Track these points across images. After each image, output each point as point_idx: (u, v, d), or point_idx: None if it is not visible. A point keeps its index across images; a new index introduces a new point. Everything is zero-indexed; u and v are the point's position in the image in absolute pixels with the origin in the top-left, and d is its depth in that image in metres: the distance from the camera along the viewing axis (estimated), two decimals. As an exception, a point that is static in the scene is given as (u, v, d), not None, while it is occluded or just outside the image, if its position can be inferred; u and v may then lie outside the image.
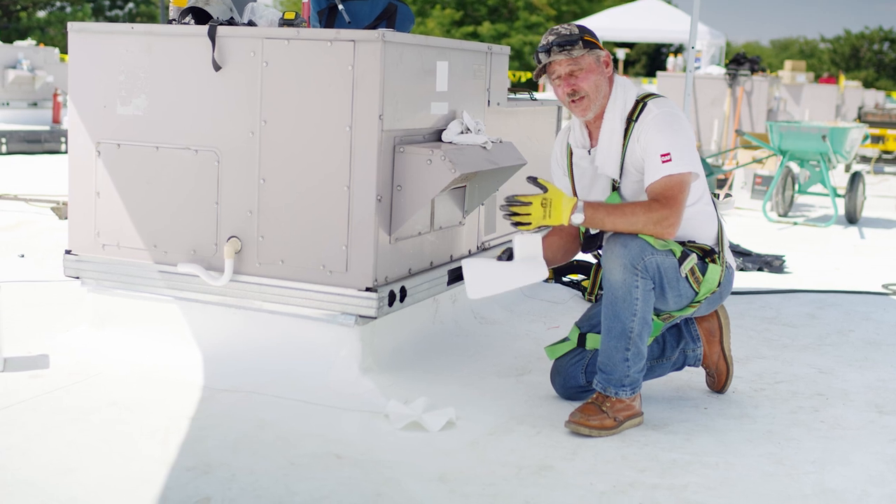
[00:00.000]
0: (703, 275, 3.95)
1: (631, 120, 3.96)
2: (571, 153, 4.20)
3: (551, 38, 3.98)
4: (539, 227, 3.84)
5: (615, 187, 4.02)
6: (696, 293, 3.96)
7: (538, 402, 4.16)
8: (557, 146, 4.31)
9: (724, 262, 4.04)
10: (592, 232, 4.10)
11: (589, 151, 4.10)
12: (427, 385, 4.23)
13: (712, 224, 4.08)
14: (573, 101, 4.00)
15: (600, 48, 4.02)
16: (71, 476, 3.27)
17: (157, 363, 4.33)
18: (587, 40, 3.97)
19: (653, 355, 4.14)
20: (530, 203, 3.78)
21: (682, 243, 3.94)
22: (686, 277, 3.89)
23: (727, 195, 10.29)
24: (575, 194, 4.19)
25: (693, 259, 3.91)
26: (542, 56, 3.99)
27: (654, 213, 3.78)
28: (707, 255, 3.99)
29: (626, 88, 4.04)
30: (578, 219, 3.78)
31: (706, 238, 4.05)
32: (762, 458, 3.67)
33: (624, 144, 3.96)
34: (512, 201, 3.78)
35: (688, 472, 3.51)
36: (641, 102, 3.99)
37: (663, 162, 3.82)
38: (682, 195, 3.83)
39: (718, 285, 4.00)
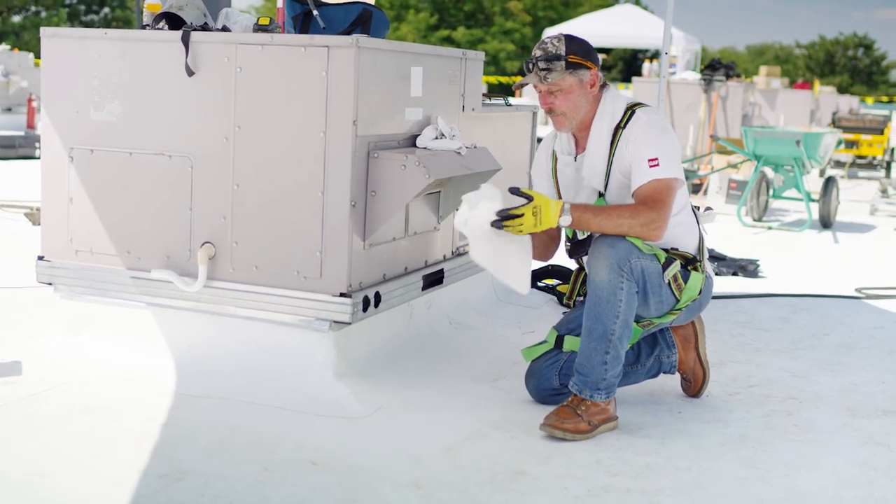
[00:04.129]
0: (685, 282, 3.97)
1: (619, 127, 3.98)
2: (556, 159, 4.20)
3: (538, 53, 3.99)
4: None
5: (601, 193, 4.04)
6: (678, 300, 3.98)
7: (513, 407, 4.16)
8: (542, 152, 4.30)
9: (704, 271, 4.07)
10: (580, 237, 4.11)
11: (574, 158, 4.11)
12: (401, 390, 4.23)
13: (694, 234, 4.12)
14: (550, 115, 4.03)
15: (588, 66, 3.99)
16: (43, 481, 3.24)
17: (131, 369, 4.31)
18: (571, 61, 3.95)
19: (627, 361, 4.15)
20: (522, 214, 3.76)
21: (664, 250, 3.96)
22: (668, 284, 3.91)
23: (708, 209, 10.32)
24: (560, 199, 4.20)
25: (676, 266, 3.93)
26: (525, 70, 4.00)
27: (641, 215, 3.80)
28: (689, 262, 4.01)
29: (615, 100, 4.04)
30: (566, 221, 3.78)
31: (688, 247, 4.07)
32: (735, 462, 3.69)
33: (610, 154, 3.97)
34: (504, 216, 3.76)
35: (661, 477, 3.52)
36: (630, 110, 4.01)
37: (651, 166, 3.84)
38: (669, 199, 3.85)
39: (699, 293, 4.03)
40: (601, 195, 4.04)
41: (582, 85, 3.99)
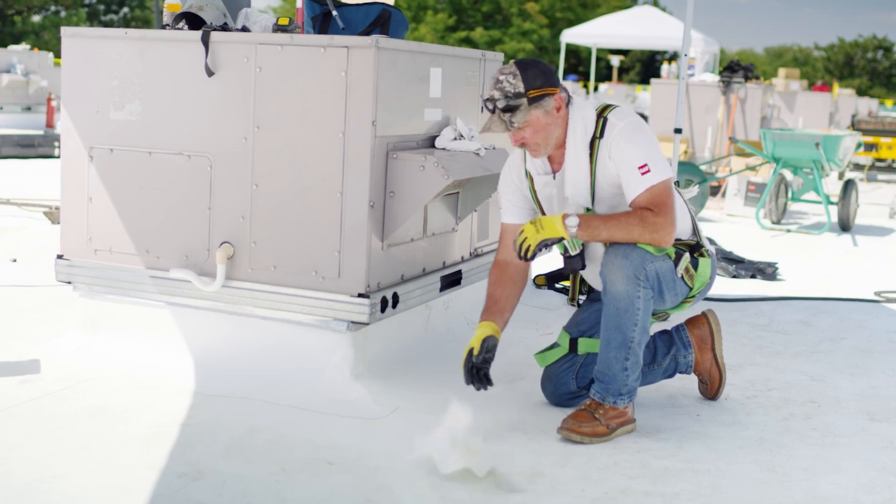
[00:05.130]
0: (696, 269, 3.96)
1: (596, 138, 3.87)
2: (532, 179, 4.07)
3: (496, 94, 3.78)
4: (543, 243, 3.78)
5: (588, 209, 3.97)
6: (691, 289, 3.97)
7: (530, 408, 4.16)
8: (512, 174, 4.12)
9: (708, 252, 4.05)
10: (572, 253, 4.00)
11: (553, 177, 4.00)
12: (418, 391, 4.23)
13: (686, 217, 4.07)
14: (524, 148, 3.92)
15: (550, 92, 3.82)
16: (60, 481, 3.25)
17: (149, 368, 4.32)
18: (532, 96, 3.78)
19: (644, 362, 4.14)
20: (523, 230, 3.77)
21: None
22: (682, 277, 3.90)
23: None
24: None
25: (686, 258, 3.91)
26: (485, 108, 3.85)
27: (648, 222, 3.75)
28: (695, 249, 3.99)
29: (584, 112, 3.90)
30: (573, 221, 3.74)
31: (684, 231, 4.03)
32: (754, 466, 3.67)
33: (592, 167, 3.89)
34: (513, 240, 3.79)
35: (679, 480, 3.51)
36: (601, 119, 3.89)
37: (643, 174, 3.77)
38: (671, 200, 3.81)
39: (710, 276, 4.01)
40: (588, 210, 3.97)
41: (548, 113, 3.84)
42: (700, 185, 10.52)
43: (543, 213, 4.09)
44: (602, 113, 3.91)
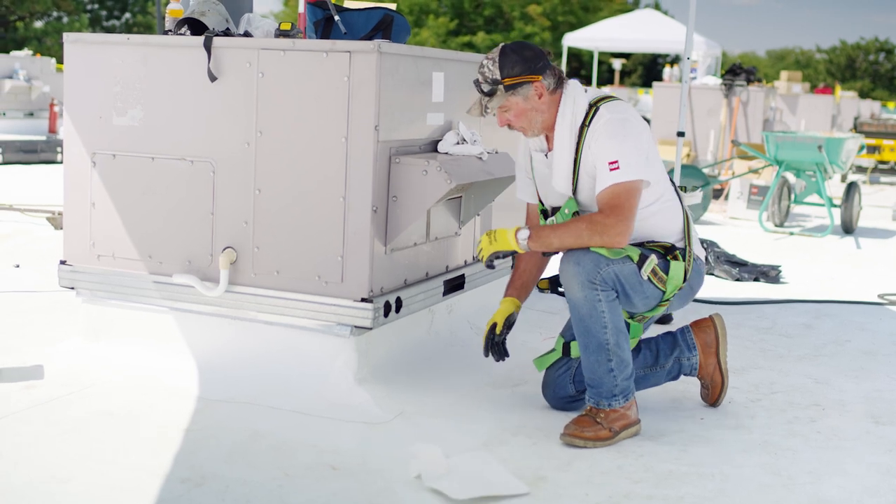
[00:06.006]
0: (667, 273, 3.93)
1: (584, 125, 3.89)
2: (531, 157, 4.16)
3: (478, 76, 3.93)
4: (495, 255, 3.94)
5: (574, 190, 3.97)
6: (663, 292, 3.95)
7: (533, 412, 4.15)
8: (520, 151, 4.28)
9: (690, 255, 4.00)
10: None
11: (546, 155, 4.06)
12: (422, 396, 4.23)
13: (675, 220, 4.03)
14: (512, 129, 4.03)
15: (530, 79, 3.87)
16: (64, 487, 3.26)
17: (152, 373, 4.32)
18: (508, 84, 3.85)
19: (647, 363, 4.14)
20: (480, 240, 3.96)
21: (640, 244, 3.93)
22: (649, 279, 3.87)
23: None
24: (539, 199, 4.18)
25: (653, 260, 3.87)
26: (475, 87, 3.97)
27: (597, 224, 3.75)
28: (668, 252, 3.95)
29: (576, 98, 3.93)
30: (524, 234, 3.85)
31: (669, 235, 4.00)
32: (758, 469, 3.67)
33: (578, 154, 3.90)
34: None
35: (684, 484, 3.51)
36: (594, 107, 3.90)
37: (611, 170, 3.77)
38: (630, 202, 3.78)
39: (685, 280, 3.98)
40: (570, 199, 3.98)
41: (527, 100, 3.89)
42: (703, 188, 10.53)
43: (538, 192, 4.18)
44: (597, 102, 3.92)
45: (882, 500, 3.46)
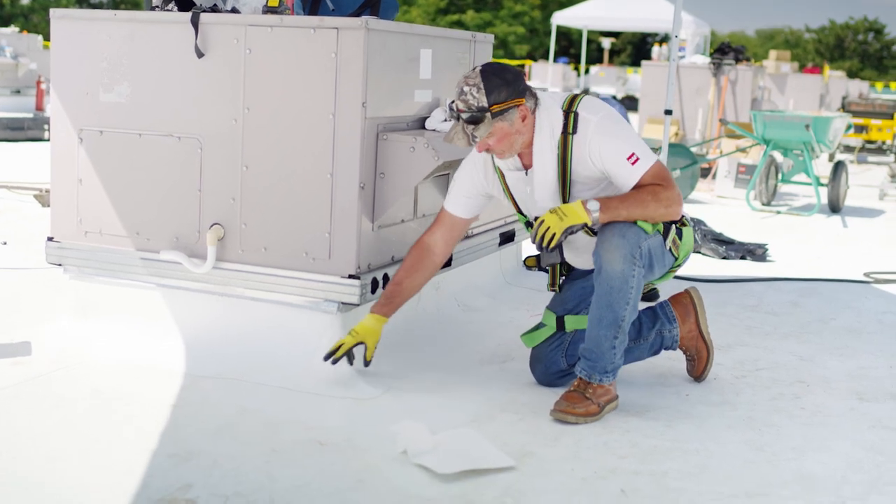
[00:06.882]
0: (681, 239, 4.03)
1: (567, 133, 3.84)
2: (503, 175, 4.04)
3: (460, 105, 3.74)
4: (569, 230, 3.73)
5: (565, 200, 3.93)
6: (676, 258, 4.03)
7: (521, 389, 4.17)
8: (477, 171, 4.08)
9: (688, 221, 4.13)
10: (561, 247, 3.99)
11: (526, 173, 3.96)
12: (409, 372, 4.25)
13: None
14: (490, 153, 3.90)
15: (516, 103, 3.76)
16: (52, 464, 3.26)
17: (139, 350, 4.32)
18: (496, 111, 3.72)
19: (630, 337, 4.15)
20: (543, 220, 3.74)
21: None
22: (670, 249, 3.94)
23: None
24: (520, 212, 4.11)
25: (673, 230, 3.96)
26: (450, 115, 3.82)
27: (661, 198, 3.78)
28: (677, 221, 4.01)
29: (549, 111, 3.85)
30: (594, 206, 3.73)
31: None
32: (742, 445, 3.70)
33: (565, 164, 3.85)
34: (533, 231, 3.77)
35: (668, 459, 3.53)
36: (570, 114, 3.84)
37: (633, 164, 3.78)
38: (671, 179, 3.85)
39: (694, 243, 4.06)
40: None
41: (513, 124, 3.79)
42: (691, 167, 10.55)
43: (518, 208, 4.10)
44: (570, 107, 3.86)
45: (865, 475, 3.49)
